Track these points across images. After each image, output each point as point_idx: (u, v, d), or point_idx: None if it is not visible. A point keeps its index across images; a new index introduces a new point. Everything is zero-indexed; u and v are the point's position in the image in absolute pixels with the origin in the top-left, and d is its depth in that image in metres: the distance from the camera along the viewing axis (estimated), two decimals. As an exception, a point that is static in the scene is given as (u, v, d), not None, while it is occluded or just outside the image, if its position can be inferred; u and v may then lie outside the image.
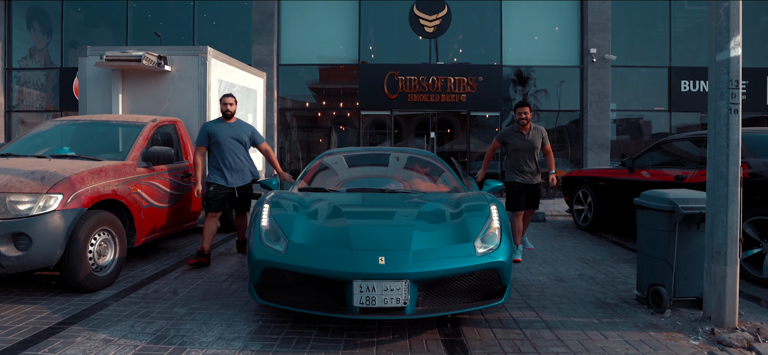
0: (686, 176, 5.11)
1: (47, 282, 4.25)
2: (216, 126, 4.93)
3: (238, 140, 4.98)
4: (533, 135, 5.09)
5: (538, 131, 5.14)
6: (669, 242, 3.35)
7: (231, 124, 4.99)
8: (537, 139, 5.10)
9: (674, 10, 14.05)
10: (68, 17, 14.72)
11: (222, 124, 4.96)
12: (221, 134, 4.87)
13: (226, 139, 4.87)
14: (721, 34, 2.96)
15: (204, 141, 4.92)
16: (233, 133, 4.93)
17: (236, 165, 4.95)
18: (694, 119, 14.13)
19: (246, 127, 5.13)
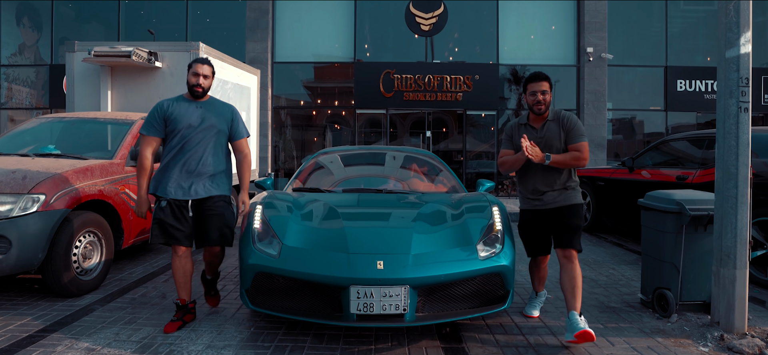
0: (688, 176, 5.02)
1: (30, 286, 4.09)
2: (176, 107, 3.14)
3: (210, 129, 3.15)
4: (551, 129, 3.03)
5: (558, 121, 3.05)
6: (675, 245, 3.24)
7: (201, 105, 3.19)
8: (555, 135, 3.02)
9: (670, 10, 14.01)
10: (59, 14, 14.47)
11: (186, 104, 3.17)
12: (183, 119, 3.09)
13: (190, 128, 3.09)
14: (730, 30, 2.86)
15: (156, 129, 3.13)
16: (203, 118, 3.14)
17: (204, 167, 3.11)
18: (690, 119, 14.09)
19: (224, 110, 3.27)
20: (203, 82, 3.15)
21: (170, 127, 3.09)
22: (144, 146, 3.11)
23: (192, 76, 3.15)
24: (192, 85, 3.15)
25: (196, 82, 3.14)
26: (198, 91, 3.15)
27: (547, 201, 3.01)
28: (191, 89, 3.16)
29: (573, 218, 2.97)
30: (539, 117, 3.08)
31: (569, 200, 3.00)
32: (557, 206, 2.99)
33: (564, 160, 2.90)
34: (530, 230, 3.18)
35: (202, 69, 3.15)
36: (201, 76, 3.14)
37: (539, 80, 3.00)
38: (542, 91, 2.99)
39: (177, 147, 3.08)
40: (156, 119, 3.13)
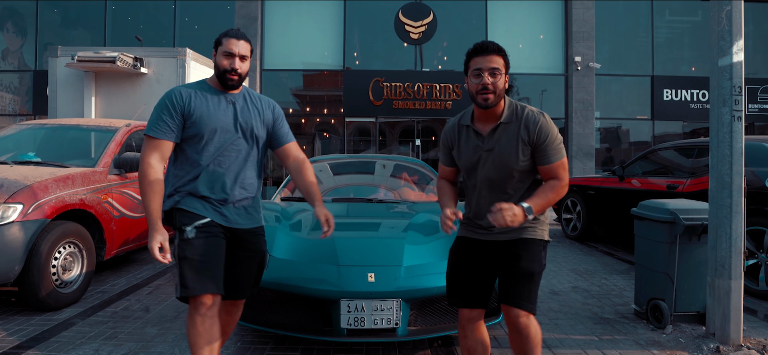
0: (679, 185, 5.02)
1: (6, 300, 3.94)
2: (200, 100, 2.13)
3: (248, 132, 2.21)
4: (506, 137, 1.98)
5: (519, 124, 1.98)
6: (669, 255, 3.21)
7: (234, 99, 2.20)
8: (512, 146, 1.97)
9: (656, 21, 14.21)
10: (43, 18, 14.24)
11: (214, 96, 2.16)
12: (212, 120, 2.11)
13: (224, 133, 2.14)
14: (723, 38, 2.85)
15: (169, 128, 2.07)
16: (239, 118, 2.18)
17: (243, 189, 2.19)
18: (676, 128, 14.26)
19: (264, 107, 2.30)
20: (240, 67, 2.09)
21: (192, 129, 2.06)
22: (149, 152, 2.01)
23: (223, 57, 2.07)
24: (224, 71, 2.07)
25: (231, 66, 2.07)
26: (233, 80, 2.09)
27: (498, 231, 1.98)
28: (223, 77, 2.08)
29: (528, 261, 1.93)
30: (487, 114, 1.96)
31: (527, 233, 1.97)
32: (509, 239, 1.98)
33: (545, 202, 1.91)
34: (461, 264, 2.06)
35: (238, 46, 2.08)
36: (237, 57, 2.07)
37: (487, 53, 1.89)
38: (491, 70, 1.87)
39: (204, 160, 2.07)
40: (169, 115, 2.02)
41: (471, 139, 2.04)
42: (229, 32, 2.13)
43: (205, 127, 2.07)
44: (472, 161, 2.03)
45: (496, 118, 1.99)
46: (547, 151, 1.94)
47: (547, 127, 1.94)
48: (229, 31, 2.14)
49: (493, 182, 2.00)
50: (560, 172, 1.96)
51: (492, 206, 1.84)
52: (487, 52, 1.91)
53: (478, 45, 1.96)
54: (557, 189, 1.93)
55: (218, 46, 2.13)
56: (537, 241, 1.99)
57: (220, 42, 2.13)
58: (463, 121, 2.09)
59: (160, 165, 2.04)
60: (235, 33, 2.14)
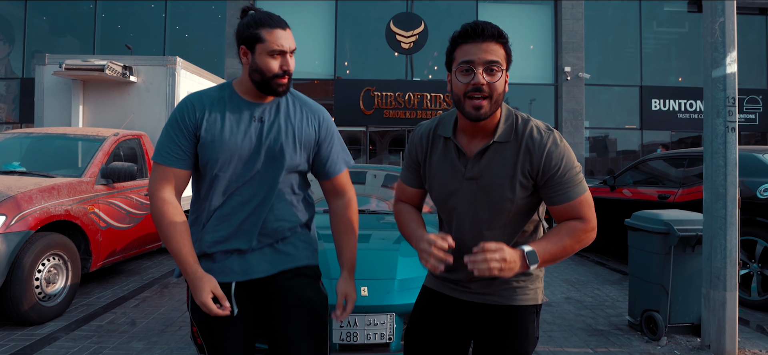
0: (670, 195, 5.04)
1: (-12, 313, 3.82)
2: (215, 114, 1.54)
3: (278, 157, 1.57)
4: (501, 161, 1.38)
5: (519, 146, 1.37)
6: (663, 266, 3.20)
7: (263, 110, 1.59)
8: (506, 175, 1.37)
9: (644, 32, 14.41)
10: (32, 26, 14.08)
11: (234, 111, 1.56)
12: (226, 143, 1.52)
13: (239, 158, 1.54)
14: (716, 50, 2.86)
15: (179, 154, 1.52)
16: (263, 135, 1.56)
17: (270, 225, 1.58)
18: (665, 137, 14.41)
19: (308, 116, 1.66)
20: (291, 65, 1.53)
21: (201, 157, 1.53)
22: (158, 183, 1.51)
23: (269, 57, 1.48)
24: (273, 77, 1.50)
25: (283, 68, 1.51)
26: (284, 85, 1.53)
27: (475, 288, 1.48)
28: (269, 84, 1.51)
29: (518, 341, 1.44)
30: (476, 128, 1.40)
31: (517, 297, 1.46)
32: (492, 303, 1.46)
33: (558, 251, 1.31)
34: (426, 326, 1.57)
35: (287, 39, 1.51)
36: (288, 53, 1.51)
37: (482, 38, 1.31)
38: (487, 65, 1.30)
39: (214, 200, 1.55)
40: (180, 134, 1.52)
41: (450, 159, 1.44)
42: (269, 20, 1.48)
43: (215, 154, 1.50)
44: (449, 190, 1.44)
45: (488, 134, 1.40)
46: (560, 186, 1.33)
47: (559, 152, 1.33)
48: (270, 18, 1.49)
49: (476, 220, 1.42)
50: (584, 211, 1.34)
51: (472, 235, 1.42)
52: (481, 38, 1.30)
53: (469, 27, 1.32)
54: (579, 234, 1.32)
55: (255, 42, 1.47)
56: (529, 307, 1.45)
57: (258, 37, 1.46)
58: (442, 131, 1.48)
59: (176, 197, 1.53)
60: (279, 20, 1.51)
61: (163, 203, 1.49)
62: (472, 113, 1.31)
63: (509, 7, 14.14)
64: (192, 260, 1.46)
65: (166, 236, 1.47)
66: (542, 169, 1.34)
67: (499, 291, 1.46)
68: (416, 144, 1.56)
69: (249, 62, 1.51)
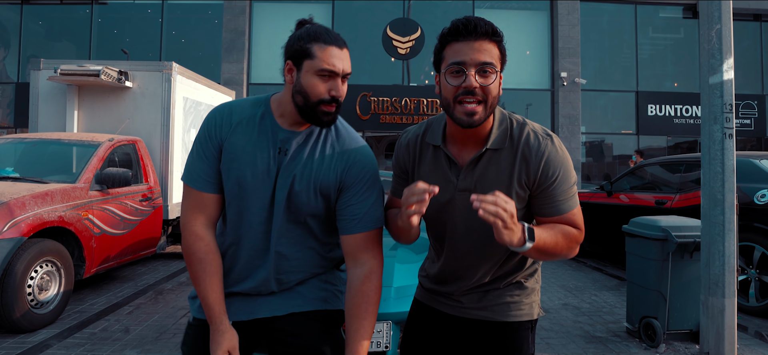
0: (667, 201, 5.04)
1: (-21, 321, 3.76)
2: (242, 131, 1.35)
3: (292, 201, 1.34)
4: (497, 168, 1.29)
5: (515, 154, 1.28)
6: (662, 272, 3.18)
7: (290, 140, 1.34)
8: (505, 180, 1.28)
9: (640, 38, 14.48)
10: (27, 30, 14.03)
11: (261, 134, 1.35)
12: (243, 167, 1.33)
13: (252, 190, 1.33)
14: (713, 56, 2.86)
15: (209, 175, 1.35)
16: (281, 170, 1.33)
17: (284, 271, 1.39)
18: (661, 142, 14.46)
19: (338, 154, 1.37)
20: (342, 91, 1.31)
21: (224, 180, 1.35)
22: (190, 213, 1.35)
23: (318, 78, 1.28)
24: (319, 103, 1.28)
25: (332, 93, 1.29)
26: (331, 115, 1.31)
27: (468, 303, 1.41)
28: (314, 111, 1.29)
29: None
30: (467, 135, 1.29)
31: (512, 312, 1.38)
32: (487, 318, 1.39)
33: (552, 243, 1.21)
34: (418, 343, 1.50)
35: (341, 60, 1.29)
36: (340, 76, 1.30)
37: (475, 36, 1.20)
38: (480, 66, 1.20)
39: (229, 234, 1.40)
40: (209, 150, 1.34)
41: (440, 169, 1.33)
42: (325, 35, 1.27)
43: (229, 183, 1.33)
44: (440, 202, 1.32)
45: (480, 141, 1.29)
46: (554, 198, 1.26)
47: (557, 160, 1.25)
48: (327, 34, 1.28)
49: (470, 234, 1.32)
50: (575, 220, 1.28)
51: (467, 269, 1.36)
52: (474, 36, 1.19)
53: (460, 23, 1.20)
54: (572, 240, 1.26)
55: (304, 58, 1.26)
56: (524, 324, 1.38)
57: (307, 52, 1.26)
58: (430, 138, 1.36)
59: (210, 231, 1.34)
60: (336, 38, 1.29)
61: (194, 237, 1.32)
62: (464, 120, 1.20)
63: (505, 13, 14.19)
64: (219, 308, 1.30)
65: (195, 276, 1.32)
66: (539, 178, 1.25)
67: (493, 306, 1.38)
68: (403, 152, 1.43)
69: (293, 81, 1.29)
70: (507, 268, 1.37)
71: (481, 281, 1.38)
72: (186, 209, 1.35)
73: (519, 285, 1.40)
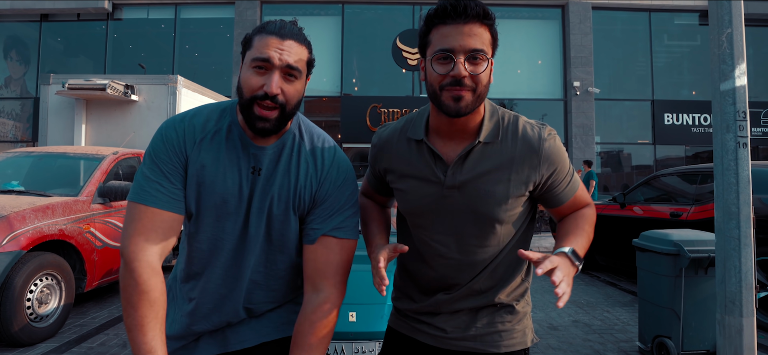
0: (682, 213, 4.85)
1: (-20, 335, 3.76)
2: (212, 148, 1.17)
3: (268, 221, 1.20)
4: (488, 159, 1.16)
5: (507, 140, 1.17)
6: (674, 289, 3.03)
7: (263, 156, 1.18)
8: (501, 175, 1.16)
9: (655, 46, 14.23)
10: (46, 47, 14.36)
11: (230, 149, 1.18)
12: (216, 188, 1.16)
13: (224, 213, 1.18)
14: (724, 62, 2.72)
15: (168, 191, 1.13)
16: (255, 190, 1.18)
17: (256, 298, 1.25)
18: (678, 152, 14.13)
19: (315, 166, 1.23)
20: (283, 89, 1.11)
21: (196, 200, 1.18)
22: (144, 239, 1.11)
23: (252, 70, 1.10)
24: (252, 100, 1.10)
25: (265, 89, 1.09)
26: (267, 121, 1.11)
27: (453, 332, 1.26)
28: (249, 112, 1.11)
29: None
30: (454, 126, 1.17)
31: (504, 342, 1.25)
32: (473, 349, 1.25)
33: (587, 242, 1.21)
34: None
35: (278, 49, 1.10)
36: (277, 69, 1.10)
37: (464, 19, 1.07)
38: (471, 53, 1.07)
39: (196, 262, 1.22)
40: (168, 170, 1.15)
41: (425, 166, 1.20)
42: (270, 25, 1.12)
43: (203, 202, 1.16)
44: (424, 205, 1.20)
45: (470, 134, 1.17)
46: (562, 184, 1.22)
47: (557, 147, 1.19)
48: (273, 23, 1.13)
49: (460, 239, 1.20)
50: (585, 198, 1.29)
51: (452, 276, 1.22)
52: (463, 19, 1.06)
53: (448, 4, 1.08)
54: (592, 219, 1.27)
55: (246, 49, 1.13)
56: (516, 354, 1.26)
57: (249, 42, 1.12)
58: (412, 133, 1.23)
59: (157, 260, 1.11)
60: (281, 27, 1.12)
61: (152, 273, 1.10)
62: (451, 107, 1.09)
63: (516, 22, 14.08)
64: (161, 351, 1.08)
65: (140, 319, 1.07)
66: (544, 171, 1.17)
67: (482, 336, 1.24)
68: (382, 150, 1.29)
69: (238, 79, 1.16)
70: (496, 276, 1.24)
71: (468, 292, 1.24)
72: (135, 233, 1.09)
73: (509, 310, 1.26)
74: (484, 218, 1.17)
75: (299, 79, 1.14)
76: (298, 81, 1.14)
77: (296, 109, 1.16)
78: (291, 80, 1.12)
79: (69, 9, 13.49)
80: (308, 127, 1.28)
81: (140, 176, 1.14)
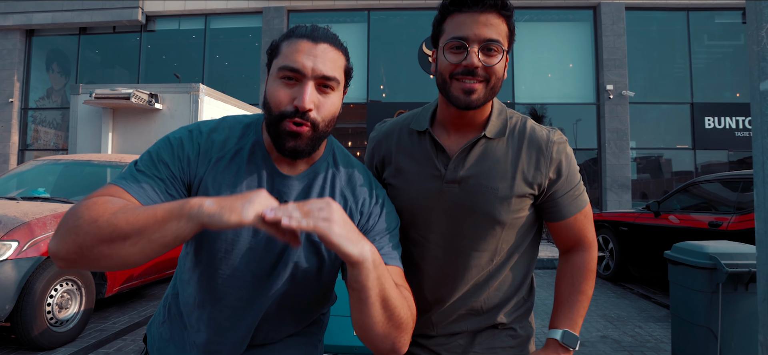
0: (722, 222, 4.54)
1: (7, 336, 3.85)
2: (230, 169, 0.99)
3: (292, 258, 1.01)
4: (492, 155, 1.11)
5: (513, 140, 1.12)
6: (711, 306, 2.79)
7: (291, 182, 1.01)
8: (505, 173, 1.09)
9: (694, 46, 13.62)
10: (84, 58, 14.94)
11: (251, 172, 1.00)
12: (248, 229, 1.00)
13: (239, 249, 1.00)
14: (764, 59, 2.50)
15: (159, 180, 0.94)
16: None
17: (266, 336, 1.09)
18: (721, 157, 13.44)
19: (352, 195, 1.06)
20: (317, 104, 0.94)
21: (206, 232, 0.99)
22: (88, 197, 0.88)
23: (276, 81, 0.95)
24: (281, 117, 0.93)
25: (296, 104, 0.91)
26: (299, 137, 0.94)
27: (455, 348, 1.18)
28: (276, 130, 0.94)
29: None
30: (462, 118, 1.12)
31: None
32: None
33: (584, 311, 1.15)
34: None
35: (311, 57, 0.93)
36: (311, 81, 0.93)
37: (480, 8, 1.01)
38: (485, 44, 1.02)
39: (201, 294, 1.05)
40: (167, 171, 0.96)
41: (426, 159, 1.13)
42: (299, 29, 0.97)
43: (216, 233, 0.98)
44: (422, 199, 1.12)
45: (476, 127, 1.12)
46: (567, 196, 1.12)
47: (568, 153, 1.12)
48: (302, 27, 0.97)
49: (457, 240, 1.12)
50: (588, 228, 1.15)
51: (452, 280, 1.12)
52: (479, 7, 1.01)
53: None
54: (591, 269, 1.14)
55: (273, 58, 0.99)
56: None
57: (277, 50, 0.97)
58: (416, 124, 1.17)
59: None
60: (312, 31, 0.96)
61: (94, 201, 0.83)
62: (461, 98, 1.03)
63: (546, 25, 13.74)
64: (169, 205, 0.78)
65: (119, 222, 0.78)
66: (551, 174, 1.10)
67: (486, 349, 1.16)
68: (381, 144, 1.22)
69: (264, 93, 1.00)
70: (495, 291, 1.15)
71: (465, 311, 1.15)
72: (93, 195, 0.86)
73: (511, 333, 1.17)
74: (483, 217, 1.09)
75: (336, 92, 0.97)
76: (335, 93, 0.96)
77: (331, 127, 0.97)
78: (326, 92, 0.95)
79: (105, 22, 13.99)
80: (343, 154, 1.12)
81: (130, 167, 0.96)
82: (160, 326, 1.16)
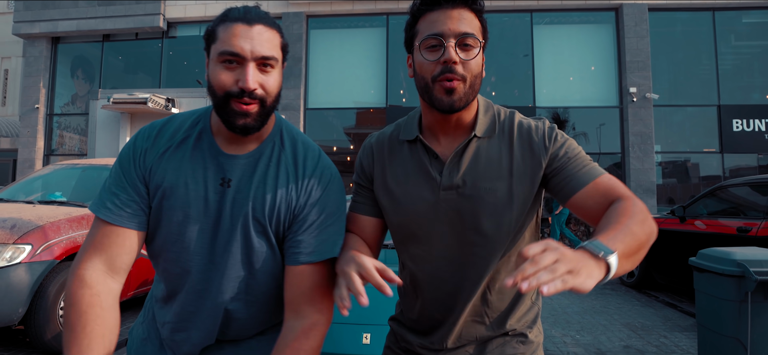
0: (752, 228, 4.33)
1: (22, 338, 3.89)
2: (175, 156, 1.05)
3: (246, 236, 1.04)
4: (486, 153, 1.07)
5: (504, 133, 1.08)
6: (739, 316, 2.63)
7: (232, 165, 1.04)
8: (505, 167, 1.05)
9: (720, 48, 13.21)
10: (108, 64, 15.25)
11: (197, 158, 1.05)
12: (179, 203, 1.03)
13: (189, 234, 1.03)
14: (797, 53, 2.35)
15: (124, 211, 1.03)
16: (226, 202, 1.03)
17: (230, 330, 1.11)
18: (751, 161, 12.96)
19: (303, 177, 1.07)
20: (259, 82, 0.98)
21: (158, 215, 1.05)
22: (86, 253, 1.02)
23: (220, 66, 0.98)
24: (227, 97, 0.98)
25: (240, 85, 0.96)
26: (242, 116, 0.98)
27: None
28: (225, 109, 0.98)
29: None
30: (448, 122, 1.08)
31: None
32: None
33: (632, 241, 0.83)
34: None
35: (249, 39, 0.96)
36: (250, 61, 0.97)
37: (454, 4, 1.00)
38: (460, 37, 0.99)
39: (170, 271, 1.08)
40: (126, 182, 1.05)
41: (419, 167, 1.10)
42: (233, 12, 0.99)
43: (163, 218, 1.04)
44: (420, 210, 1.08)
45: (465, 129, 1.09)
46: (575, 164, 1.03)
47: (561, 134, 1.09)
48: (235, 9, 1.00)
49: (459, 249, 1.08)
50: (616, 187, 0.99)
51: (455, 295, 1.08)
52: (451, 4, 1.00)
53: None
54: (634, 212, 0.89)
55: (211, 43, 1.00)
56: None
57: (214, 34, 0.99)
58: (405, 134, 1.14)
59: (106, 279, 1.00)
60: (246, 13, 0.98)
61: (79, 285, 0.99)
62: (444, 99, 1.01)
63: (567, 27, 13.51)
64: None
65: (68, 336, 0.96)
66: (550, 152, 1.05)
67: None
68: (369, 156, 1.18)
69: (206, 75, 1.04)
70: (503, 295, 1.10)
71: (474, 319, 1.11)
72: (84, 245, 1.04)
73: (522, 339, 1.13)
74: (485, 221, 1.05)
75: (276, 69, 1.02)
76: (275, 70, 1.02)
77: (277, 101, 1.04)
78: (267, 71, 1.00)
79: (128, 28, 14.28)
80: (291, 133, 1.14)
81: (104, 183, 1.09)
82: (140, 327, 1.22)
